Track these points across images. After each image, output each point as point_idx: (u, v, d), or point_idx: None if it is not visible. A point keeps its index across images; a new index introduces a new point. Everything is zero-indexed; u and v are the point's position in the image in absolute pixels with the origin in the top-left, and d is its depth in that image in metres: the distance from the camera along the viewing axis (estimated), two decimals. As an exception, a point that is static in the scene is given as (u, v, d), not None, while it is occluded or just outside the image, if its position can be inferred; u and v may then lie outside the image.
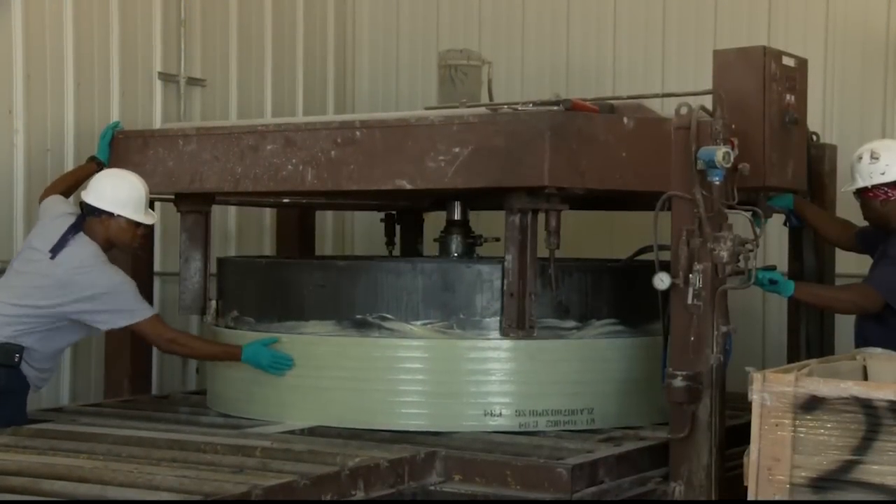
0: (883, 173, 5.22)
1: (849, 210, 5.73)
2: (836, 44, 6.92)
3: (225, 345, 5.53)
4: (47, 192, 5.60)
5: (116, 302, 5.17)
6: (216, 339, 5.69)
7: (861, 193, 5.33)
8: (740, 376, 4.45)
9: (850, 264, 6.10)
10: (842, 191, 5.54)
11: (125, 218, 5.26)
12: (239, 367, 5.47)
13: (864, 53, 6.85)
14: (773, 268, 5.31)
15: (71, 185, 5.66)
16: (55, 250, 5.17)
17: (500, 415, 5.08)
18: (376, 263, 5.44)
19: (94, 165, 5.69)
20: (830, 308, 5.69)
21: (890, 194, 5.23)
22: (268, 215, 7.52)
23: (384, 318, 5.15)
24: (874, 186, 5.24)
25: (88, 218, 5.28)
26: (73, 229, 5.24)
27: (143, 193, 5.34)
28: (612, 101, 5.20)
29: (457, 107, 5.71)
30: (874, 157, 5.24)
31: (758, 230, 4.87)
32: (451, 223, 5.93)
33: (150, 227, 5.57)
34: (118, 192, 5.27)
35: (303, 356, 5.28)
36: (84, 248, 5.20)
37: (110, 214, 5.25)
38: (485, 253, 5.97)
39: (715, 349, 4.71)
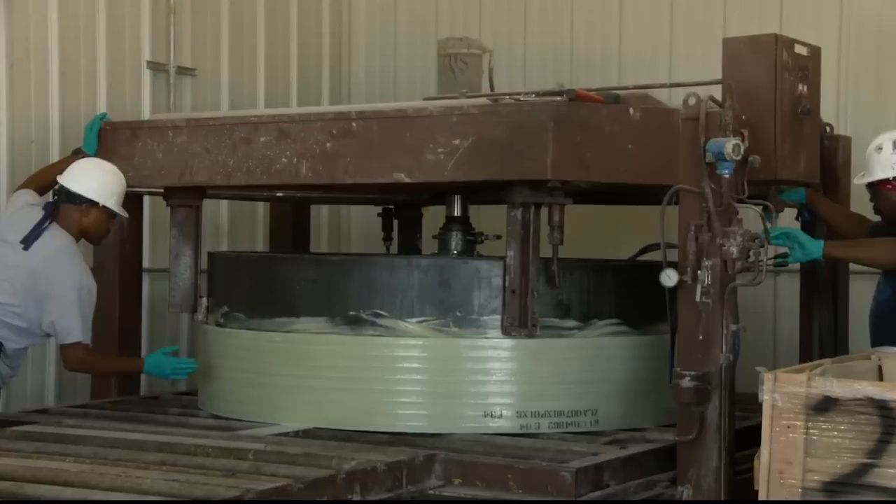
0: None
1: (863, 204, 5.73)
2: (850, 31, 6.92)
3: (128, 359, 5.70)
4: (25, 185, 5.63)
5: (74, 308, 5.21)
6: (206, 341, 5.70)
7: (878, 186, 5.32)
8: (751, 376, 4.46)
9: (865, 260, 6.09)
10: (855, 182, 5.53)
11: (106, 209, 5.33)
12: (231, 367, 5.48)
13: (880, 41, 6.85)
14: (784, 255, 5.30)
15: (53, 178, 5.66)
16: (27, 241, 5.23)
17: (501, 416, 5.08)
18: (370, 258, 5.45)
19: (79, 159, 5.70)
20: (867, 262, 5.57)
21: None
22: (261, 210, 7.53)
23: (378, 315, 5.15)
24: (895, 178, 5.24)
25: (65, 206, 5.34)
26: (46, 219, 5.30)
27: (125, 185, 5.45)
28: (617, 92, 5.20)
29: (457, 97, 5.71)
30: None
31: (769, 225, 4.87)
32: (450, 219, 5.93)
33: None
34: (106, 183, 5.37)
35: (297, 355, 5.28)
36: (59, 238, 5.27)
37: (93, 204, 5.32)
38: (486, 251, 5.97)
39: (724, 348, 4.71)
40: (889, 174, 5.25)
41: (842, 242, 5.51)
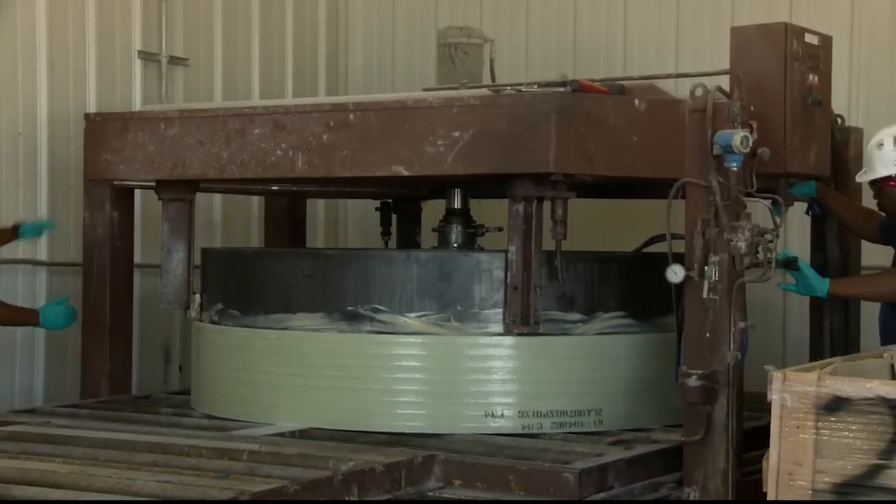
0: None
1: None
2: (862, 19, 6.92)
3: (22, 309, 5.86)
4: None
5: None
6: (200, 339, 5.70)
7: (880, 183, 5.30)
8: (759, 375, 4.46)
9: (877, 256, 6.10)
10: (857, 180, 5.52)
11: None
12: (225, 365, 5.49)
13: (893, 30, 6.85)
14: (794, 260, 5.31)
15: None
16: None
17: (502, 416, 5.09)
18: (368, 252, 5.45)
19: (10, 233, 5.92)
20: (873, 298, 5.60)
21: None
22: (255, 204, 7.53)
23: (376, 310, 5.15)
24: None
25: None
26: None
27: None
28: (622, 82, 5.20)
29: (457, 88, 5.72)
30: None
31: (778, 219, 4.87)
32: (450, 212, 5.93)
33: None
34: None
35: (293, 353, 5.29)
36: None
37: None
38: (487, 244, 5.97)
39: (732, 346, 4.72)
40: (891, 171, 5.23)
41: (845, 280, 5.57)
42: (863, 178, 5.37)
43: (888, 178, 5.25)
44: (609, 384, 5.21)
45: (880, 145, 5.26)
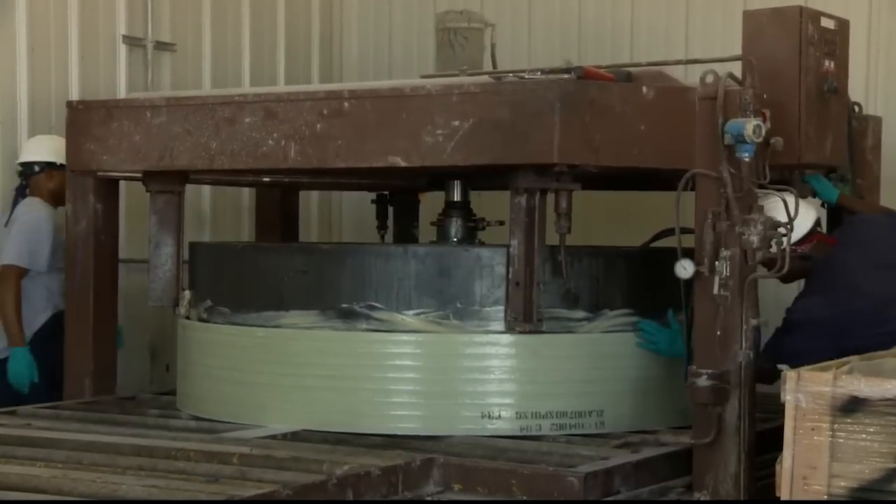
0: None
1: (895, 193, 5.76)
2: (881, 2, 6.92)
3: (18, 325, 6.20)
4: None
5: (21, 234, 6.12)
6: (188, 337, 5.71)
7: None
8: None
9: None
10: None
11: (65, 167, 5.95)
12: (214, 365, 5.50)
13: (913, 14, 6.86)
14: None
15: None
16: (7, 220, 6.22)
17: (500, 417, 5.09)
18: (364, 247, 5.45)
19: None
20: None
21: (801, 248, 5.18)
22: (246, 196, 7.54)
23: (373, 308, 5.16)
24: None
25: (32, 179, 6.18)
26: (18, 197, 6.27)
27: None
28: (629, 69, 5.21)
29: (457, 75, 5.72)
30: None
31: (792, 212, 4.87)
32: (450, 205, 5.94)
33: None
34: (56, 144, 6.11)
35: (284, 352, 5.30)
36: (34, 203, 6.23)
37: (52, 165, 6.13)
38: (488, 238, 5.98)
39: (744, 344, 4.73)
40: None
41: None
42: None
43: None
44: (612, 384, 5.21)
45: None
